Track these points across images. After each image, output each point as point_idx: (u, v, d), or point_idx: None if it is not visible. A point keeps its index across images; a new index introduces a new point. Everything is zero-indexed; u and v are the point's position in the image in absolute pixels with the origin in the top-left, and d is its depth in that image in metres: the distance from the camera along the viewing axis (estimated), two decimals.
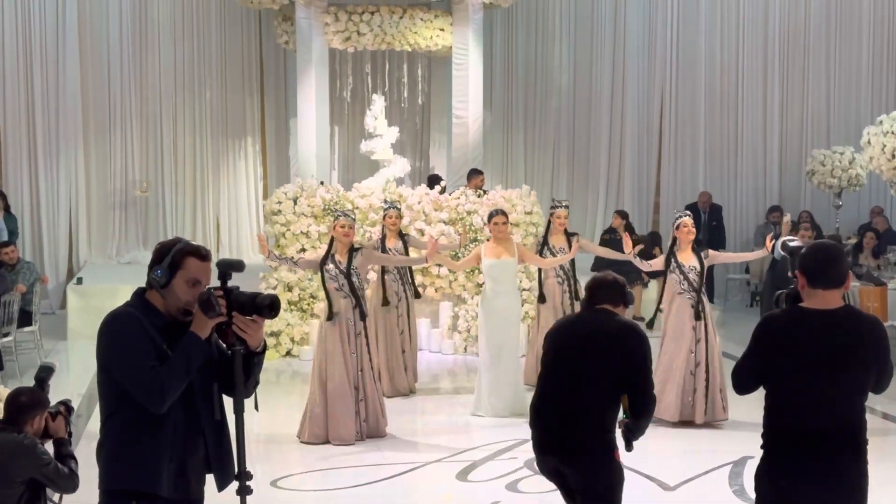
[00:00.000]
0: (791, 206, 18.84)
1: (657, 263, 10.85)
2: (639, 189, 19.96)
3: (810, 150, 18.78)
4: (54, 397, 5.90)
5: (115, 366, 4.27)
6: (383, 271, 11.75)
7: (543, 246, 11.98)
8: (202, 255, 4.34)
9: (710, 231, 18.13)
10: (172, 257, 4.30)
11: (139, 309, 4.32)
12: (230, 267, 4.33)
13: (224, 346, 4.38)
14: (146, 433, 4.25)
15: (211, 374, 4.38)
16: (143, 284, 4.44)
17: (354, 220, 10.12)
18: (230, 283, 4.32)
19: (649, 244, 17.18)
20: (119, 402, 4.28)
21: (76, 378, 13.05)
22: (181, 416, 4.30)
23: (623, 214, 16.89)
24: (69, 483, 5.59)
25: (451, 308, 14.45)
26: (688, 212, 11.15)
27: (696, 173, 19.93)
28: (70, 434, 5.69)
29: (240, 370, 4.30)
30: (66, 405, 5.70)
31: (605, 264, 12.31)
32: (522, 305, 13.40)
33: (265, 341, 4.43)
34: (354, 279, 9.75)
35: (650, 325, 10.66)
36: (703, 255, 10.49)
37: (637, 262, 10.93)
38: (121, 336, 4.26)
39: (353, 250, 9.86)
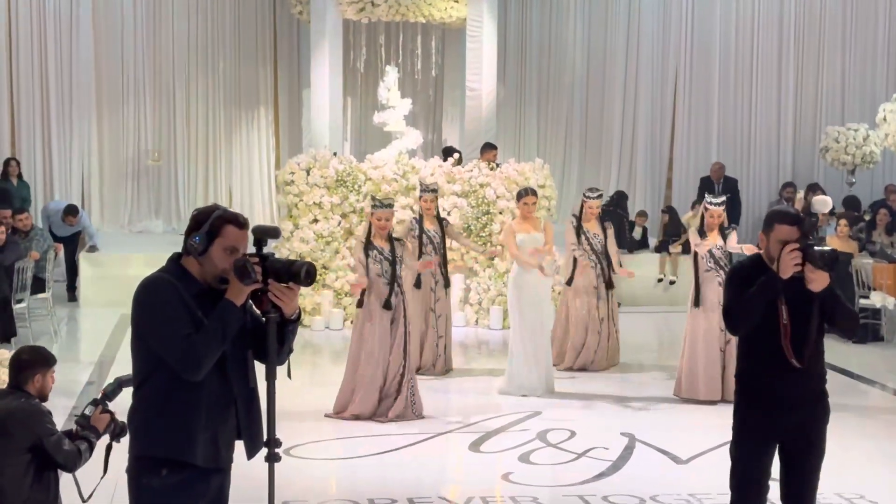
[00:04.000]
0: (804, 183, 18.78)
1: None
2: (651, 164, 19.89)
3: (824, 127, 18.70)
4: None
5: (150, 333, 4.22)
6: (420, 253, 11.42)
7: (579, 230, 11.76)
8: (240, 222, 4.29)
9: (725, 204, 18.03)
10: (211, 224, 4.25)
11: (174, 275, 4.27)
12: (266, 233, 4.28)
13: (258, 313, 4.34)
14: (181, 401, 4.22)
15: (244, 342, 4.35)
16: (178, 251, 4.38)
17: (393, 209, 9.84)
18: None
19: (670, 223, 17.15)
20: (154, 368, 4.24)
21: (88, 346, 13.14)
22: (216, 383, 4.27)
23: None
24: (70, 460, 5.50)
25: (462, 280, 14.45)
26: (722, 198, 10.91)
27: (709, 149, 19.85)
28: (109, 447, 5.58)
29: (274, 338, 4.26)
30: (122, 427, 5.59)
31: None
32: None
33: (300, 309, 4.39)
34: (398, 267, 9.65)
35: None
36: (727, 231, 10.45)
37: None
38: (156, 303, 4.20)
39: (393, 239, 9.75)
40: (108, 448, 5.51)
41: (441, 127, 19.14)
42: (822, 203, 10.20)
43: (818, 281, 5.06)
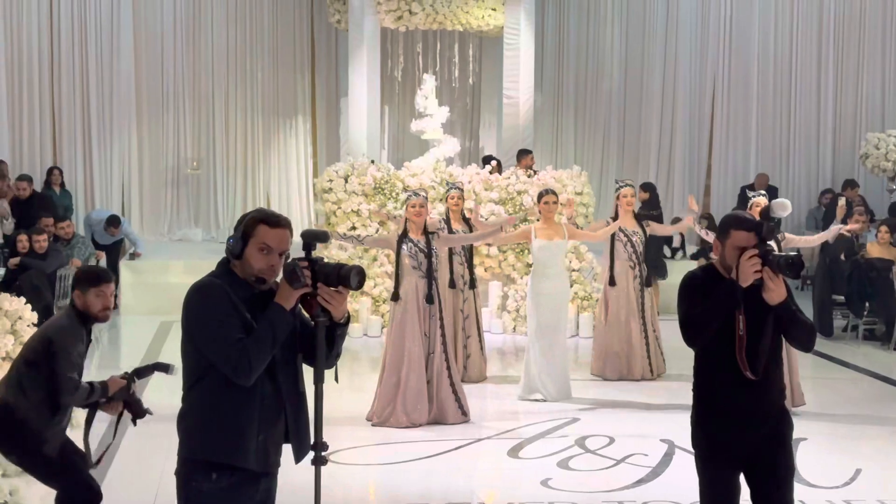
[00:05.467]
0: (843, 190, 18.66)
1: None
2: (689, 172, 19.85)
3: (864, 133, 18.58)
4: (103, 372, 5.88)
5: (201, 337, 4.23)
6: (451, 253, 11.33)
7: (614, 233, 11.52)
8: (272, 221, 4.28)
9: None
10: (245, 225, 4.27)
11: (225, 279, 4.28)
12: (315, 237, 4.28)
13: (307, 316, 4.35)
14: (233, 405, 4.23)
15: (293, 346, 4.36)
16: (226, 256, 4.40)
17: (426, 198, 9.83)
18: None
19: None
20: (204, 372, 4.25)
21: (128, 353, 13.23)
22: (267, 387, 4.27)
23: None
24: (64, 383, 5.64)
25: (500, 288, 14.46)
26: (763, 192, 10.84)
27: (747, 156, 19.79)
28: (120, 415, 5.64)
29: (323, 342, 4.26)
30: (143, 409, 5.67)
31: (651, 248, 12.04)
32: (571, 286, 13.35)
33: (349, 313, 4.38)
34: (434, 260, 9.65)
35: None
36: (779, 237, 10.24)
37: (701, 232, 10.86)
38: (207, 307, 4.21)
39: (428, 232, 9.73)
40: (119, 415, 5.58)
41: (478, 135, 19.18)
42: (781, 206, 10.07)
43: (775, 291, 4.81)
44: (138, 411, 5.62)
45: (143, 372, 5.62)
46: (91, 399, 5.70)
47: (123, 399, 5.67)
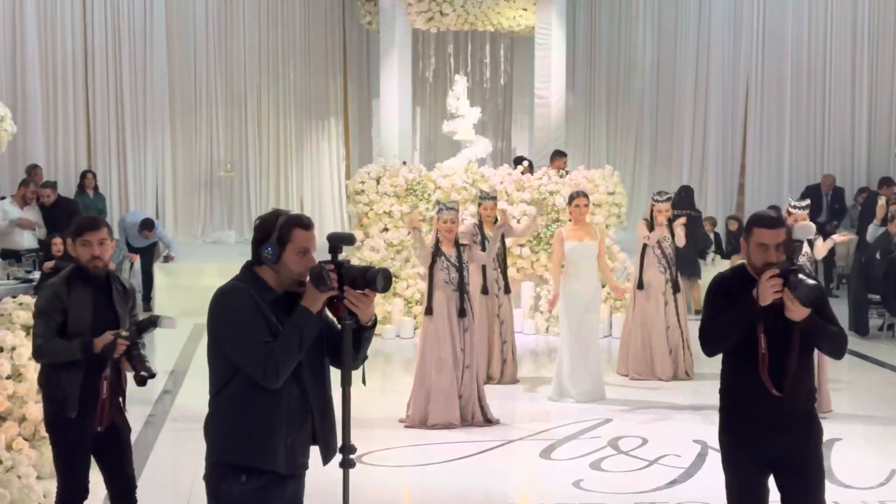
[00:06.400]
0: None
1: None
2: (723, 171, 19.74)
3: None
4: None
5: (228, 342, 4.25)
6: None
7: (650, 229, 11.49)
8: (305, 223, 4.32)
9: (833, 214, 18.07)
10: (279, 232, 4.27)
11: (249, 283, 4.30)
12: (341, 240, 4.30)
13: (334, 319, 4.36)
14: (260, 408, 4.25)
15: (320, 348, 4.37)
16: (250, 259, 4.41)
17: (458, 211, 9.75)
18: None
19: (740, 230, 16.92)
20: (231, 376, 4.27)
21: (163, 355, 13.27)
22: (294, 390, 4.29)
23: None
24: (38, 348, 5.59)
25: (532, 288, 14.44)
26: (807, 201, 10.70)
27: (781, 154, 19.65)
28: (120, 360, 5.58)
29: (349, 345, 4.27)
30: (148, 368, 5.61)
31: (688, 245, 11.95)
32: (603, 287, 13.31)
33: (375, 315, 4.40)
34: (465, 273, 9.67)
35: None
36: (814, 239, 10.15)
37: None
38: (233, 312, 4.24)
39: (459, 245, 9.72)
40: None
41: (510, 135, 19.17)
42: (804, 230, 9.97)
43: (796, 312, 4.72)
44: (136, 366, 5.56)
45: (142, 326, 5.60)
46: (66, 356, 5.56)
47: (112, 355, 5.56)
